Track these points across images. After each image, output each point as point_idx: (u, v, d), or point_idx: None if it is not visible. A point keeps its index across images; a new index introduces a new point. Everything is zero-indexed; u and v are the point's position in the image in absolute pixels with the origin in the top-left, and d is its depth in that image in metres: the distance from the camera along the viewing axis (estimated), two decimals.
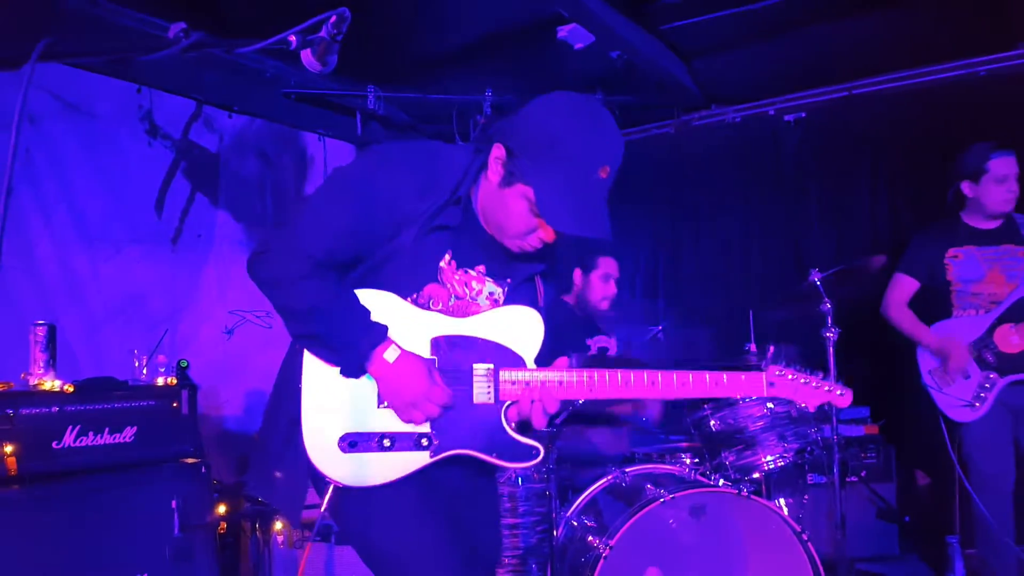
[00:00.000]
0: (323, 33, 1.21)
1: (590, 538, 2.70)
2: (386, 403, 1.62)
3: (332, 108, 4.39)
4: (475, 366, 1.66)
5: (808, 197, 4.80)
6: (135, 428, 2.98)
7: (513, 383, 1.66)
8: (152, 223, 4.01)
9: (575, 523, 2.88)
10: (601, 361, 3.25)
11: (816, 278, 3.23)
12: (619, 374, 1.68)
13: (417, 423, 1.61)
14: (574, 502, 2.93)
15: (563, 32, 3.64)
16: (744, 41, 4.00)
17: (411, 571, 1.60)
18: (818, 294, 3.21)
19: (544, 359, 1.71)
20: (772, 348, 3.35)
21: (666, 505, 2.59)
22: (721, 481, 2.77)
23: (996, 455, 3.16)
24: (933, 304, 3.34)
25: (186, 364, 3.27)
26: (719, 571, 2.61)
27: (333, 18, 1.20)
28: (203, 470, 3.10)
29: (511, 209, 1.60)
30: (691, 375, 1.70)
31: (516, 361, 1.67)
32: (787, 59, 4.21)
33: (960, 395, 3.19)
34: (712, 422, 2.93)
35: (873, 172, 4.65)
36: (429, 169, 1.64)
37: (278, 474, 1.66)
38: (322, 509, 1.59)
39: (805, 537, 2.60)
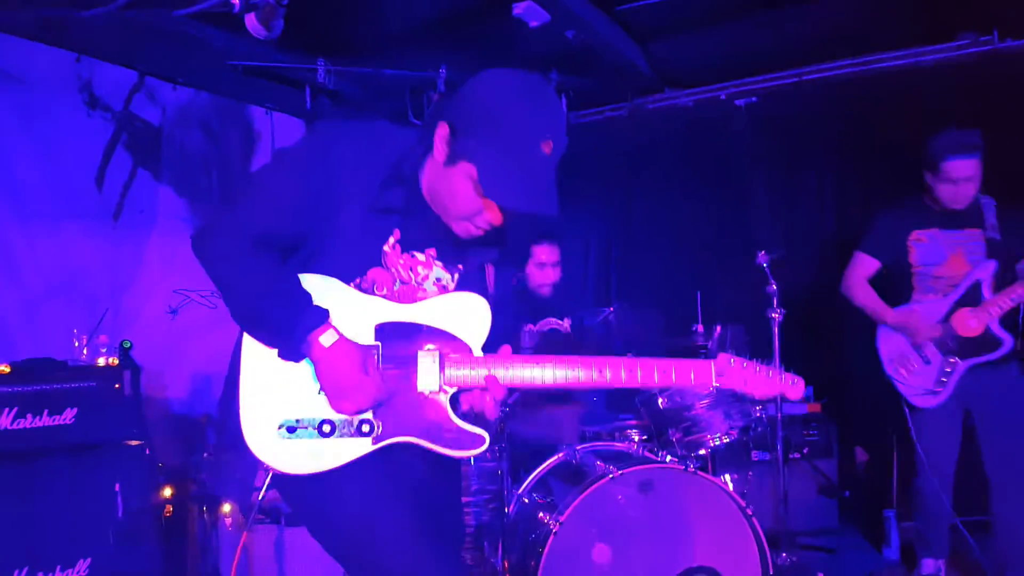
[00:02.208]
0: None
1: (541, 515, 2.73)
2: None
3: (280, 82, 4.28)
4: (420, 353, 1.63)
5: (757, 181, 4.89)
6: (76, 410, 2.91)
7: (458, 371, 1.63)
8: (92, 198, 3.88)
9: (526, 500, 2.91)
10: (552, 340, 3.26)
11: (762, 261, 3.30)
12: (567, 363, 1.66)
13: (347, 413, 1.58)
14: (525, 480, 2.96)
15: (518, 9, 3.61)
16: (698, 24, 4.02)
17: (377, 549, 1.58)
18: (764, 276, 3.28)
19: (491, 347, 1.69)
20: (719, 328, 3.42)
21: (615, 481, 2.63)
22: (668, 457, 2.82)
23: (945, 439, 3.17)
24: (893, 285, 3.27)
25: (129, 344, 3.19)
26: (666, 545, 2.67)
27: None
28: (147, 452, 3.04)
29: (456, 189, 1.57)
30: (639, 364, 1.67)
31: (462, 348, 1.65)
32: (740, 44, 4.25)
33: (922, 383, 3.14)
34: (660, 400, 2.98)
35: (822, 157, 4.76)
36: (369, 144, 1.62)
37: (234, 458, 1.63)
38: (260, 496, 1.57)
39: (750, 512, 2.67)
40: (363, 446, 1.59)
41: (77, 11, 1.03)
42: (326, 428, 1.58)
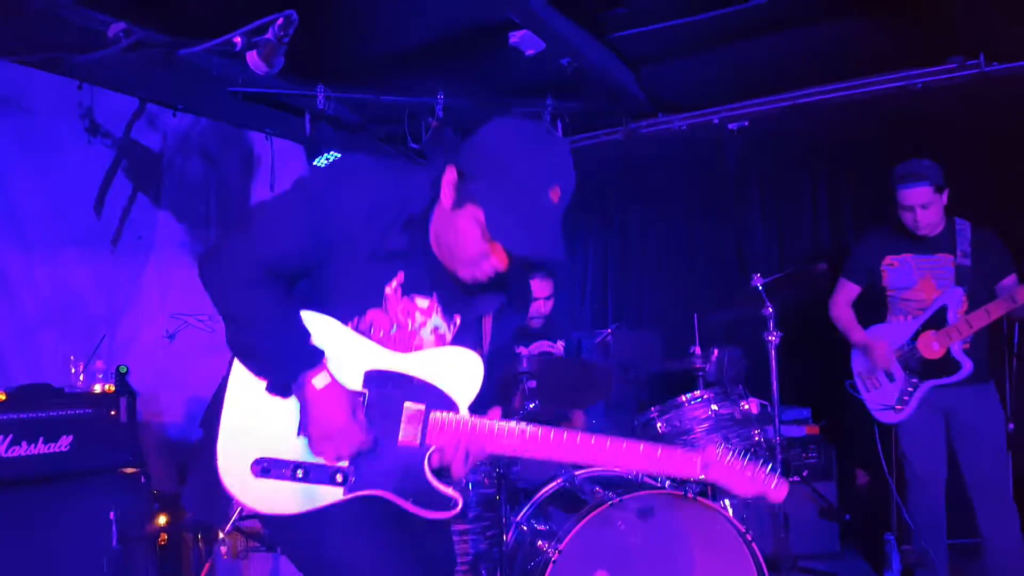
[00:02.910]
0: (269, 35, 1.19)
1: (539, 543, 2.71)
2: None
3: (280, 108, 4.32)
4: (406, 405, 1.60)
5: (751, 204, 4.93)
6: (71, 437, 2.90)
7: (442, 428, 1.60)
8: (91, 224, 3.88)
9: (525, 528, 2.89)
10: (545, 362, 3.24)
11: (758, 283, 3.31)
12: (552, 433, 1.63)
13: (327, 459, 1.56)
14: (524, 506, 2.94)
15: (514, 38, 3.65)
16: (690, 50, 4.08)
17: None
18: (760, 298, 3.29)
19: (481, 405, 1.66)
20: (716, 352, 3.42)
21: (614, 508, 2.61)
22: (667, 483, 2.81)
23: (929, 455, 3.26)
24: (873, 308, 3.42)
25: (125, 370, 3.19)
26: (666, 572, 2.65)
27: (280, 20, 1.18)
28: (142, 480, 3.04)
29: (462, 232, 1.56)
30: (625, 444, 1.65)
31: (449, 405, 1.62)
32: (731, 68, 4.30)
33: (884, 399, 3.30)
34: (659, 424, 2.98)
35: (814, 180, 4.80)
36: (391, 188, 1.61)
37: (211, 482, 1.60)
38: (225, 530, 1.55)
39: (749, 537, 2.66)
40: (335, 495, 1.57)
41: (80, 53, 1.05)
42: (300, 473, 1.55)
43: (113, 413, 3.04)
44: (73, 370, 3.22)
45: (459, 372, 1.65)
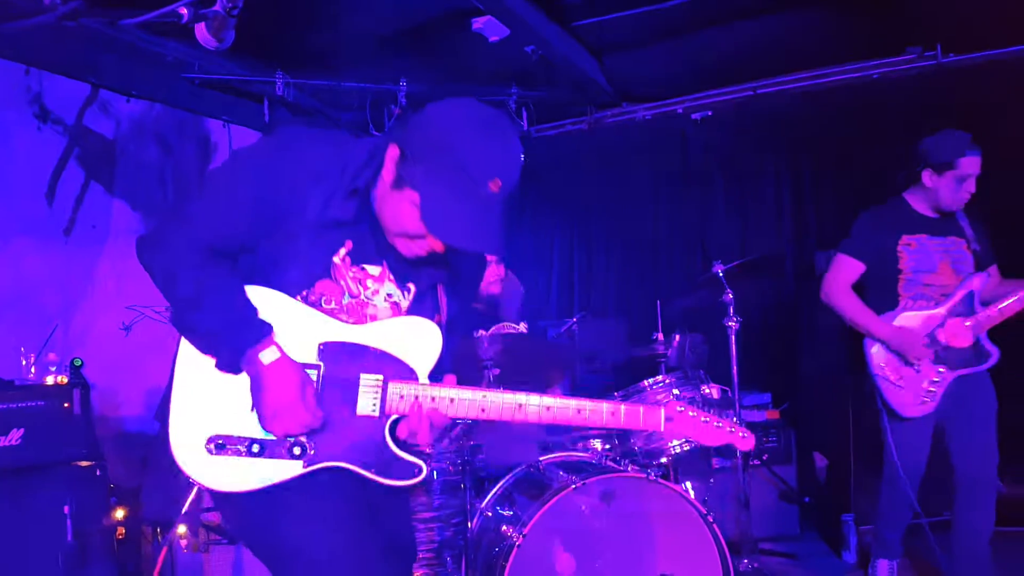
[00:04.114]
0: (218, 7, 1.15)
1: (504, 528, 2.71)
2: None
3: (238, 94, 4.24)
4: (362, 376, 1.58)
5: (714, 192, 4.99)
6: (22, 430, 2.84)
7: (401, 397, 1.59)
8: (43, 213, 3.79)
9: (489, 514, 2.89)
10: (514, 345, 3.23)
11: (719, 270, 3.34)
12: (514, 396, 1.63)
13: (276, 435, 1.53)
14: (488, 493, 2.94)
15: (478, 24, 3.63)
16: (653, 39, 4.09)
17: (315, 572, 1.53)
18: (721, 285, 3.32)
19: (440, 374, 1.65)
20: (678, 337, 3.46)
21: (577, 491, 2.63)
22: (630, 466, 2.83)
23: (919, 449, 3.08)
24: (877, 291, 3.12)
25: (80, 362, 3.12)
26: (630, 554, 2.67)
27: None
28: (98, 473, 2.96)
29: (401, 212, 1.54)
30: (589, 403, 1.66)
31: (408, 374, 1.61)
32: (694, 58, 4.33)
33: (912, 392, 3.01)
34: None
35: (776, 169, 4.88)
36: (329, 155, 1.58)
37: (167, 478, 1.58)
38: (183, 510, 1.53)
39: (711, 519, 2.69)
40: (293, 468, 1.54)
41: (14, 21, 0.99)
42: (255, 448, 1.53)
43: (66, 405, 2.97)
44: (24, 362, 3.13)
45: (417, 341, 1.63)
